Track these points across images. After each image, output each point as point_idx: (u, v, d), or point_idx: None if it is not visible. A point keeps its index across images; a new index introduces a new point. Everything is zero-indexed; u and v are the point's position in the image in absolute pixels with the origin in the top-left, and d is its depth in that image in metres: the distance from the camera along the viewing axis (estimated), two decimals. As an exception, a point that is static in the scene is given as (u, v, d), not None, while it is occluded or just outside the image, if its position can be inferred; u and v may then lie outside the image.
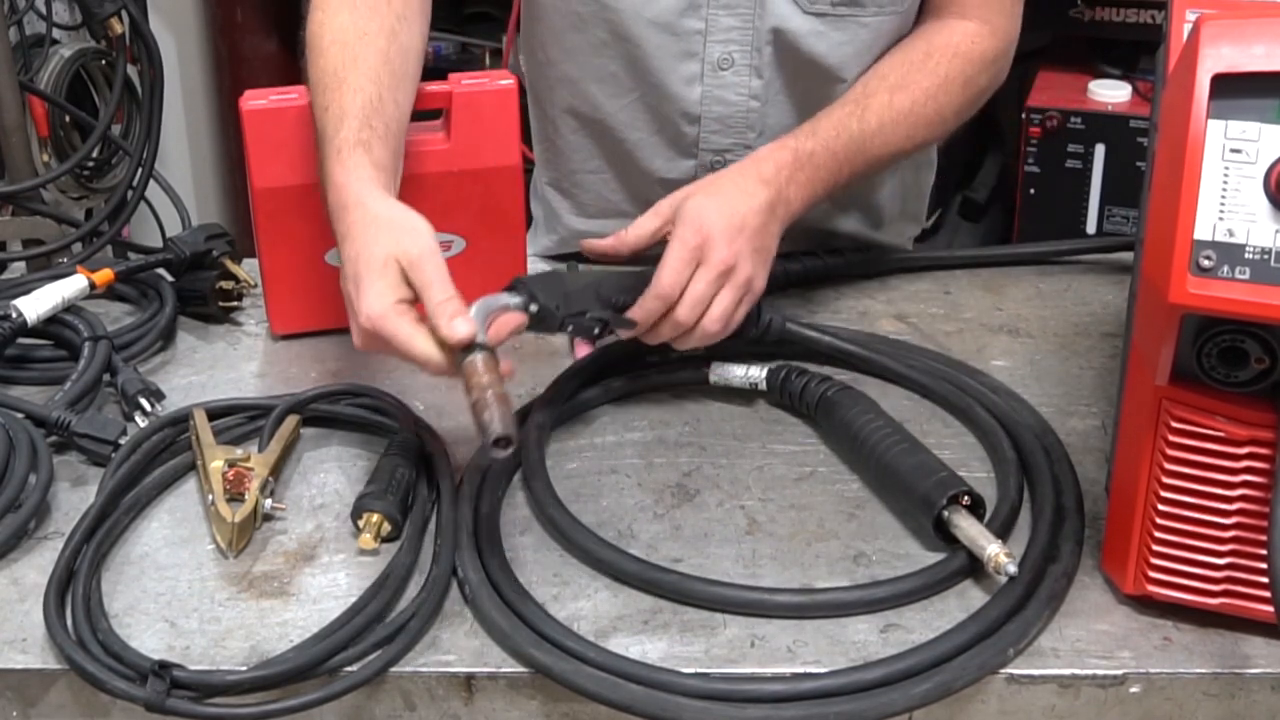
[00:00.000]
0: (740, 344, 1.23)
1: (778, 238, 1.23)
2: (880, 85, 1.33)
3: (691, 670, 0.94)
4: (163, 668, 0.92)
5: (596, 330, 1.15)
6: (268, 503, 1.09)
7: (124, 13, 1.97)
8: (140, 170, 1.97)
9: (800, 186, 1.24)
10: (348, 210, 1.09)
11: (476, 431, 0.98)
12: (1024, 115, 2.31)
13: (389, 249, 1.05)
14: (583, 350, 1.28)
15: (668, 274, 1.15)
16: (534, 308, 1.11)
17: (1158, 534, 0.95)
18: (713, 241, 1.16)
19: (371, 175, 1.11)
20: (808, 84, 1.40)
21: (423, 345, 1.03)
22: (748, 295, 1.18)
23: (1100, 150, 2.30)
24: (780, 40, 1.37)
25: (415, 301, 1.05)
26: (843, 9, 1.36)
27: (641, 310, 1.15)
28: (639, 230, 1.23)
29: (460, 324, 1.02)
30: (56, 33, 2.41)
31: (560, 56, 1.43)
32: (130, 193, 1.96)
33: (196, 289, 1.39)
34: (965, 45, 1.36)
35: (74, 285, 1.32)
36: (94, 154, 2.36)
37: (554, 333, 1.16)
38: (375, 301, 1.04)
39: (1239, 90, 0.85)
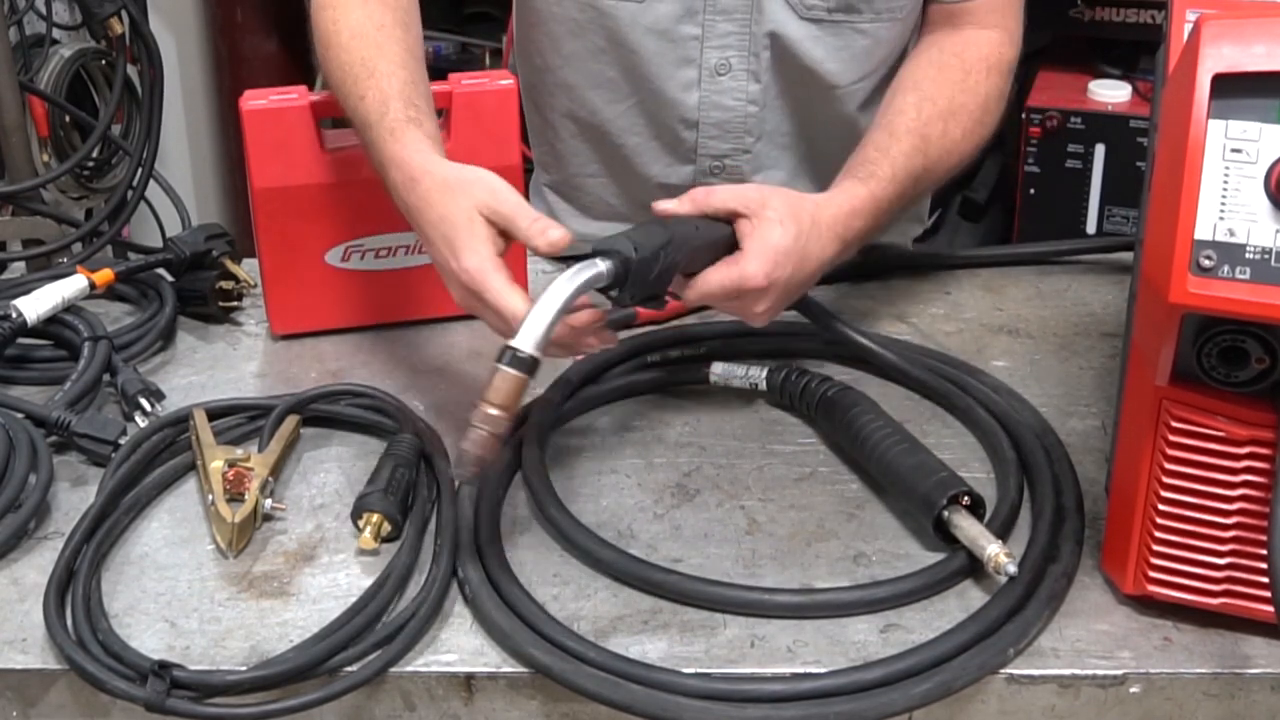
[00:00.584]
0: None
1: (812, 286, 1.18)
2: (933, 111, 1.28)
3: (692, 670, 0.94)
4: (163, 668, 0.92)
5: (649, 306, 1.08)
6: (268, 503, 1.09)
7: (124, 13, 1.97)
8: (140, 170, 1.97)
9: (866, 237, 1.22)
10: (418, 181, 1.11)
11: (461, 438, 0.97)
12: (1024, 115, 2.30)
13: (471, 204, 1.07)
14: (583, 350, 1.28)
15: (708, 289, 1.09)
16: (615, 294, 1.03)
17: (1158, 534, 0.95)
18: (767, 296, 1.11)
19: (430, 146, 1.13)
20: (805, 89, 1.40)
21: (515, 301, 1.02)
22: (745, 318, 1.15)
23: (1100, 150, 2.30)
24: (777, 46, 1.37)
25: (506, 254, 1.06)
26: (839, 15, 1.36)
27: (672, 304, 1.12)
28: (716, 202, 1.12)
29: (554, 232, 1.04)
30: (56, 33, 2.41)
31: (559, 62, 1.43)
32: (130, 193, 1.96)
33: (196, 289, 1.39)
34: (994, 56, 1.34)
35: (74, 285, 1.32)
36: (94, 154, 2.36)
37: (630, 305, 1.06)
38: (472, 257, 1.04)
39: (1239, 90, 0.85)
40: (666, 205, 1.13)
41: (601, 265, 1.00)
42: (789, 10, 1.36)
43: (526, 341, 0.96)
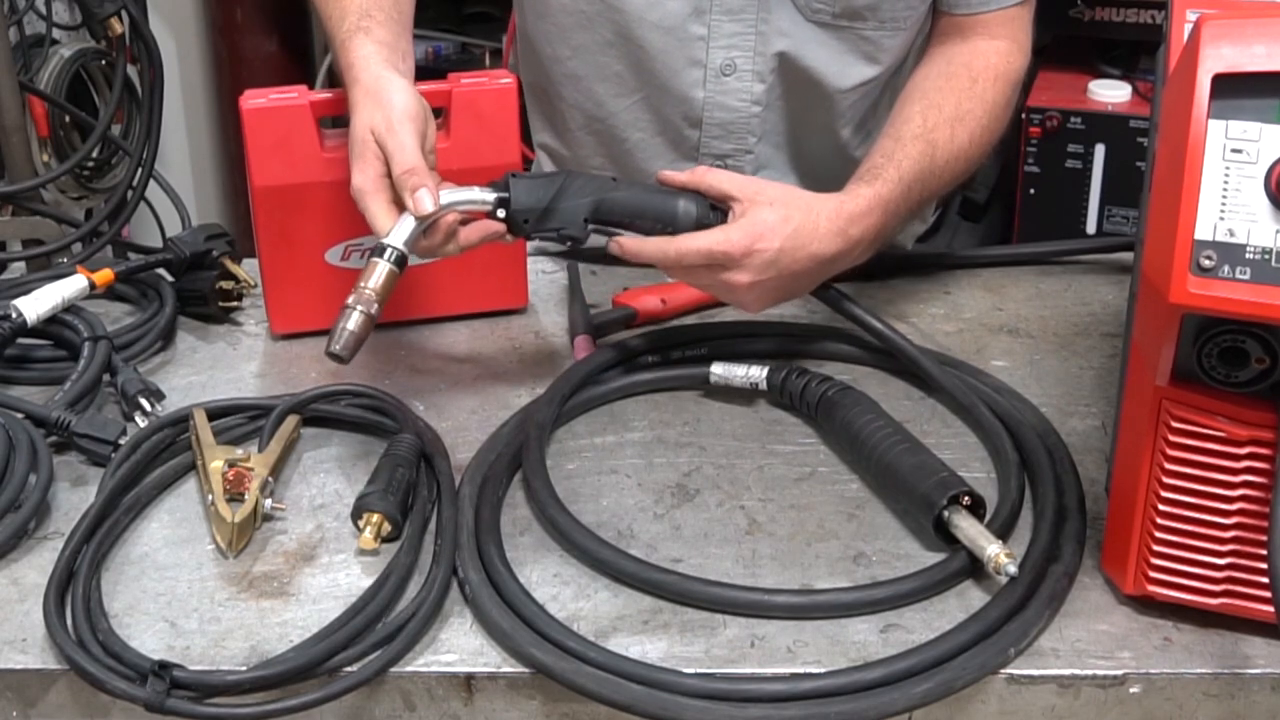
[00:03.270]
0: (753, 325, 1.25)
1: (818, 282, 1.21)
2: (939, 118, 1.29)
3: (692, 670, 0.94)
4: (163, 668, 0.92)
5: (567, 245, 1.17)
6: (268, 503, 1.09)
7: (124, 13, 1.97)
8: (140, 170, 1.97)
9: (874, 240, 1.22)
10: (349, 89, 1.16)
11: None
12: (1024, 115, 2.30)
13: (366, 122, 1.11)
14: (583, 350, 1.28)
15: (684, 250, 1.13)
16: (501, 213, 1.14)
17: (1158, 534, 0.95)
18: (748, 267, 1.14)
19: (373, 51, 1.16)
20: (806, 94, 1.41)
21: (385, 224, 1.09)
22: (736, 305, 1.20)
23: (1100, 150, 2.30)
24: (783, 50, 1.38)
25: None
26: (844, 21, 1.36)
27: (643, 248, 1.15)
28: (715, 181, 1.16)
29: (424, 198, 1.08)
30: (56, 33, 2.41)
31: (567, 53, 1.44)
32: (130, 193, 1.96)
33: (196, 289, 1.39)
34: (1003, 67, 1.35)
35: (74, 285, 1.32)
36: (94, 154, 2.36)
37: (525, 238, 1.18)
38: (357, 176, 1.11)
39: (1239, 90, 0.85)
40: (670, 175, 1.18)
41: (479, 192, 1.13)
42: (796, 13, 1.36)
43: (396, 239, 1.10)
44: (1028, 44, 1.38)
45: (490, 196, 1.14)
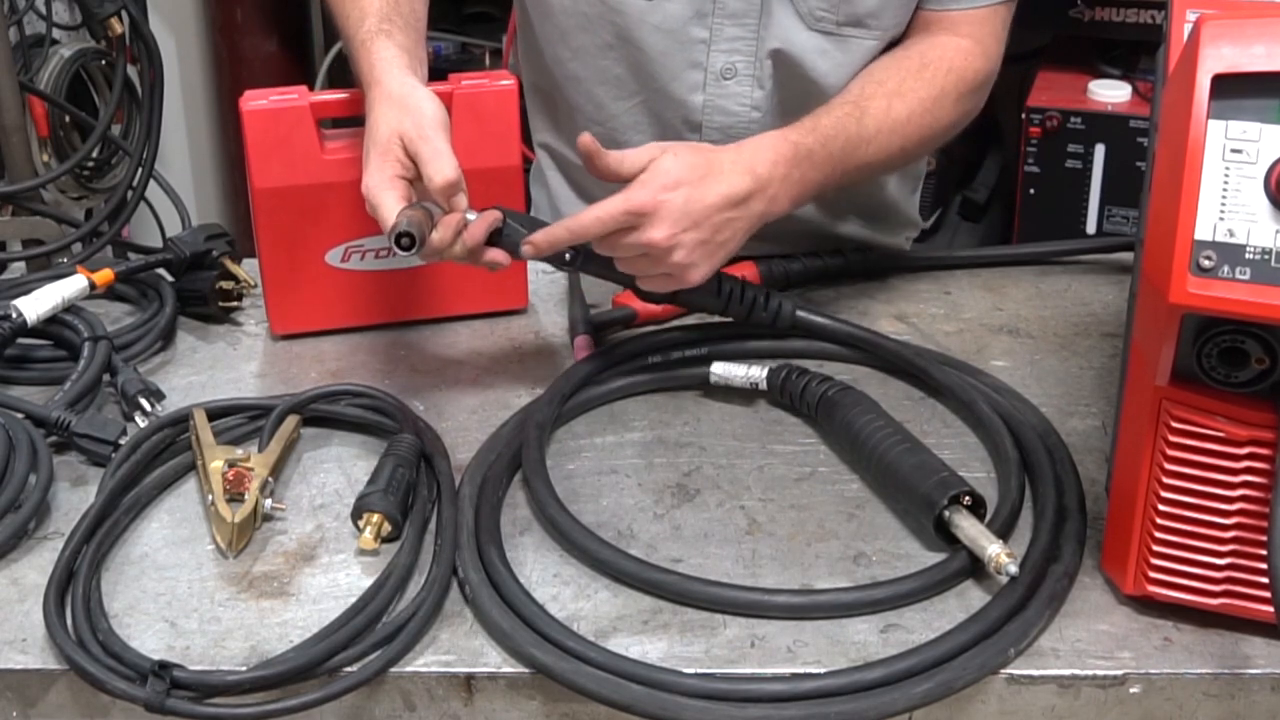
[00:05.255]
0: (750, 328, 1.25)
1: (746, 233, 1.18)
2: (878, 90, 1.30)
3: (692, 670, 0.94)
4: (163, 668, 0.92)
5: (567, 256, 1.17)
6: (268, 503, 1.09)
7: (124, 13, 1.98)
8: (140, 170, 1.97)
9: (792, 185, 1.21)
10: (369, 89, 1.16)
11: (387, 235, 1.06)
12: (1024, 115, 2.31)
13: (394, 125, 1.12)
14: (583, 350, 1.28)
15: (592, 221, 1.13)
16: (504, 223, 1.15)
17: (1158, 534, 0.95)
18: (658, 219, 1.12)
19: (394, 55, 1.17)
20: (808, 98, 1.40)
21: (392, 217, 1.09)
22: (676, 279, 1.17)
23: (1100, 150, 2.30)
24: (783, 56, 1.37)
25: (417, 179, 1.12)
26: (847, 29, 1.36)
27: (548, 234, 1.14)
28: (633, 163, 1.16)
29: (448, 170, 1.10)
30: (56, 33, 2.41)
31: (567, 55, 1.44)
32: (130, 193, 1.96)
33: (196, 289, 1.39)
34: (960, 61, 1.34)
35: (74, 285, 1.32)
36: (94, 154, 2.36)
37: (516, 257, 1.17)
38: (374, 175, 1.11)
39: (1239, 90, 0.85)
40: (587, 141, 1.15)
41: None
42: (798, 20, 1.36)
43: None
44: (995, 50, 1.37)
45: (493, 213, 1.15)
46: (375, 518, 1.06)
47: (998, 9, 1.36)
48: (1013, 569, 0.98)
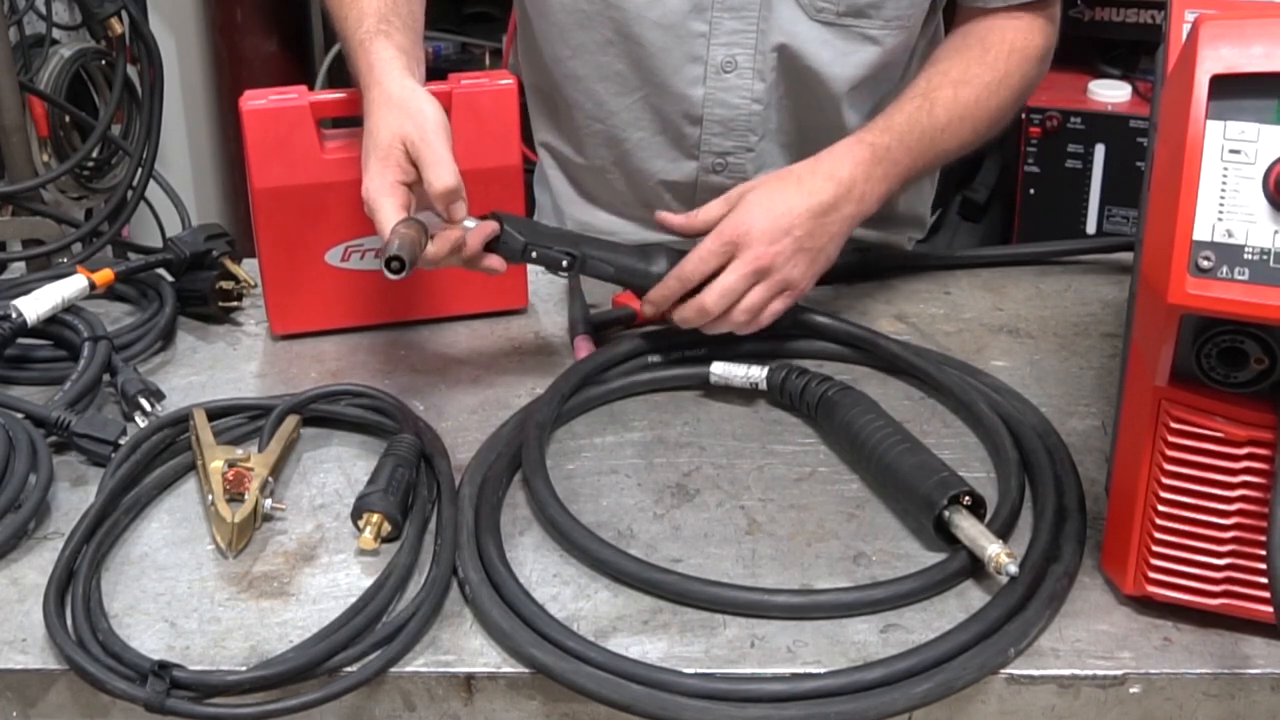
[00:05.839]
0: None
1: (842, 236, 1.23)
2: (943, 80, 1.32)
3: (692, 670, 0.94)
4: (163, 668, 0.92)
5: (564, 264, 1.20)
6: (268, 503, 1.09)
7: (124, 13, 1.97)
8: (140, 170, 1.97)
9: (877, 182, 1.24)
10: (368, 90, 1.16)
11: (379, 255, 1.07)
12: (1024, 115, 2.31)
13: (395, 129, 1.12)
14: (583, 350, 1.28)
15: (693, 261, 1.19)
16: (501, 230, 1.18)
17: (1158, 534, 0.95)
18: (750, 240, 1.18)
19: (393, 56, 1.17)
20: (808, 92, 1.41)
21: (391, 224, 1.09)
22: (787, 293, 1.21)
23: (1100, 150, 2.30)
24: (785, 48, 1.38)
25: (417, 183, 1.12)
26: (848, 19, 1.36)
27: (661, 289, 1.19)
28: (707, 214, 1.23)
29: (461, 209, 1.11)
30: (56, 33, 2.41)
31: (566, 53, 1.44)
32: (130, 193, 1.96)
33: (196, 289, 1.39)
34: (1021, 40, 1.36)
35: (74, 285, 1.32)
36: (94, 154, 2.36)
37: (519, 261, 1.20)
38: (375, 179, 1.11)
39: (1238, 91, 0.85)
40: (668, 218, 1.25)
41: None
42: (799, 11, 1.36)
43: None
44: (1055, 24, 1.39)
45: (490, 222, 1.18)
46: (375, 518, 1.06)
47: None
48: (1013, 569, 0.98)
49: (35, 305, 1.29)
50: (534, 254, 1.20)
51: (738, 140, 1.43)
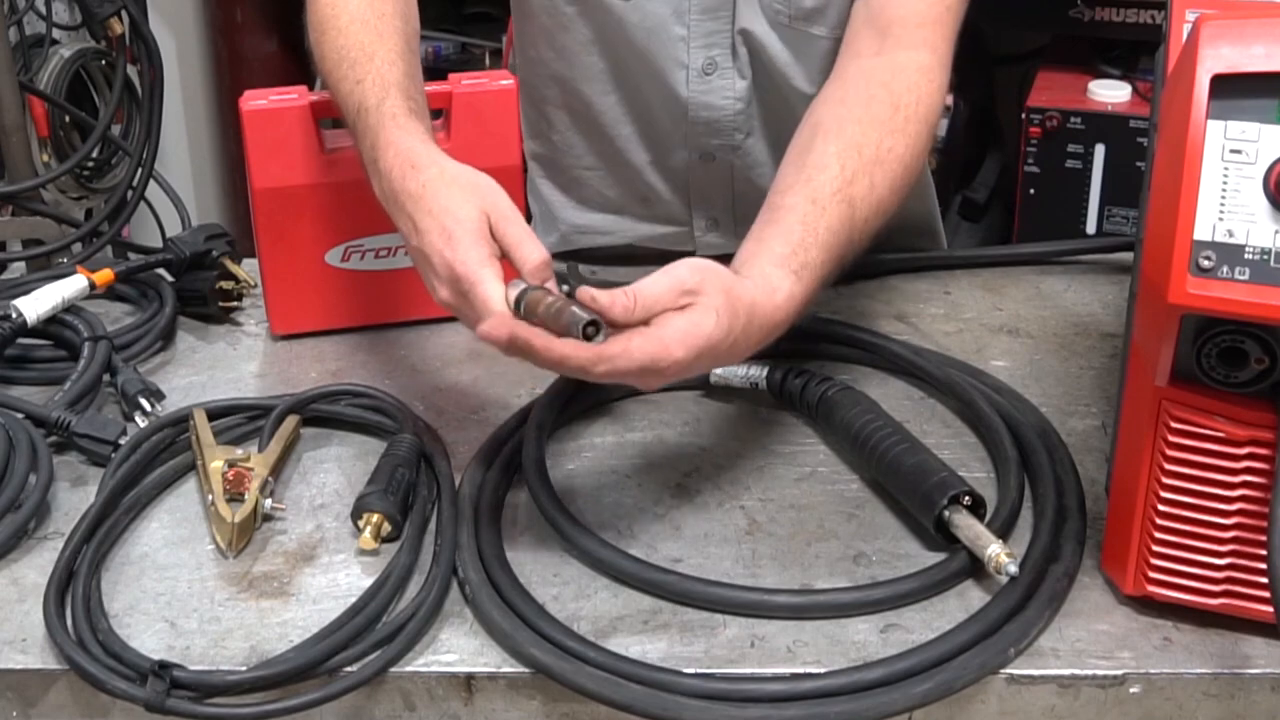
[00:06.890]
0: None
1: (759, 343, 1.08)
2: (858, 165, 1.16)
3: (692, 670, 0.94)
4: (163, 668, 0.92)
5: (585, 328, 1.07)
6: (268, 503, 1.09)
7: (124, 13, 1.98)
8: (140, 170, 1.97)
9: (802, 307, 1.10)
10: (419, 169, 1.09)
11: (559, 333, 0.98)
12: (1024, 115, 2.30)
13: (479, 205, 1.06)
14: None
15: (603, 369, 1.01)
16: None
17: (1158, 534, 0.95)
18: (664, 372, 1.01)
19: (431, 139, 1.12)
20: (785, 91, 1.41)
21: (498, 305, 1.02)
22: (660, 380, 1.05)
23: (1100, 150, 2.30)
24: (752, 46, 1.38)
25: (502, 259, 1.05)
26: (799, 24, 1.36)
27: (548, 354, 1.02)
28: (653, 290, 1.03)
29: (535, 255, 1.04)
30: (56, 33, 2.41)
31: (551, 55, 1.44)
32: (130, 193, 1.96)
33: (196, 289, 1.39)
34: (925, 89, 1.22)
35: (74, 285, 1.32)
36: (94, 154, 2.37)
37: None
38: (472, 251, 1.03)
39: (1238, 90, 0.85)
40: (598, 297, 1.02)
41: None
42: (759, 12, 1.36)
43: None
44: (948, 56, 1.26)
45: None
46: (375, 518, 1.06)
47: (951, 6, 1.26)
48: (1013, 569, 0.98)
49: (35, 305, 1.29)
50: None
51: (724, 139, 1.43)
